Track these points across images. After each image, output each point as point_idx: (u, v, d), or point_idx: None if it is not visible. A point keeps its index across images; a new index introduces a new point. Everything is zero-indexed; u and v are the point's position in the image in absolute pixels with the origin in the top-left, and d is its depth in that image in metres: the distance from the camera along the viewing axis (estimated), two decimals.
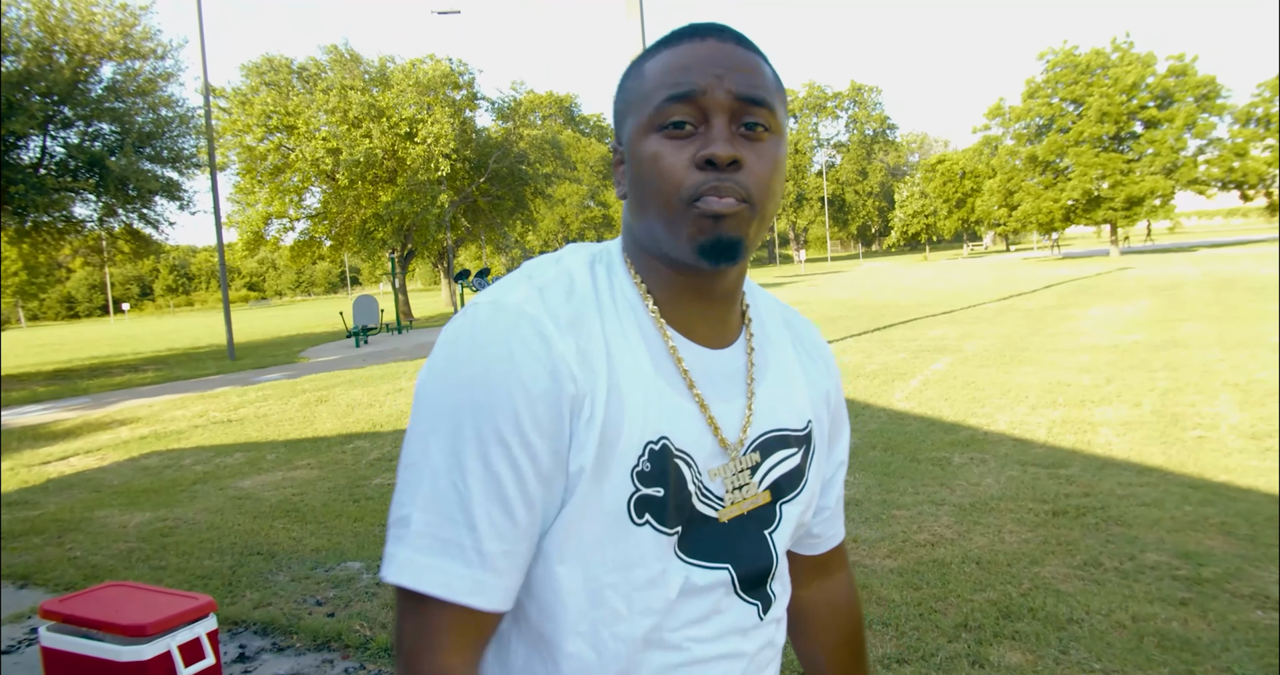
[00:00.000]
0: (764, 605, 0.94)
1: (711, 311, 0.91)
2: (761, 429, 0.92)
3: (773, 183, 0.85)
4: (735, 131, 0.83)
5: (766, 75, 0.86)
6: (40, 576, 4.90)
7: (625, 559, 0.84)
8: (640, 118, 0.85)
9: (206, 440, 9.07)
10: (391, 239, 32.64)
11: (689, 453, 0.86)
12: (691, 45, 0.85)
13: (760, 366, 0.94)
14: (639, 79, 0.87)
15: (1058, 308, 17.16)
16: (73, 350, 31.06)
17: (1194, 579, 3.75)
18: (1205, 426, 6.53)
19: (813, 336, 1.05)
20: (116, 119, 19.47)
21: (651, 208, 0.85)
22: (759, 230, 0.86)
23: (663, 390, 0.85)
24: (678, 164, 0.82)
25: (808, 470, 0.97)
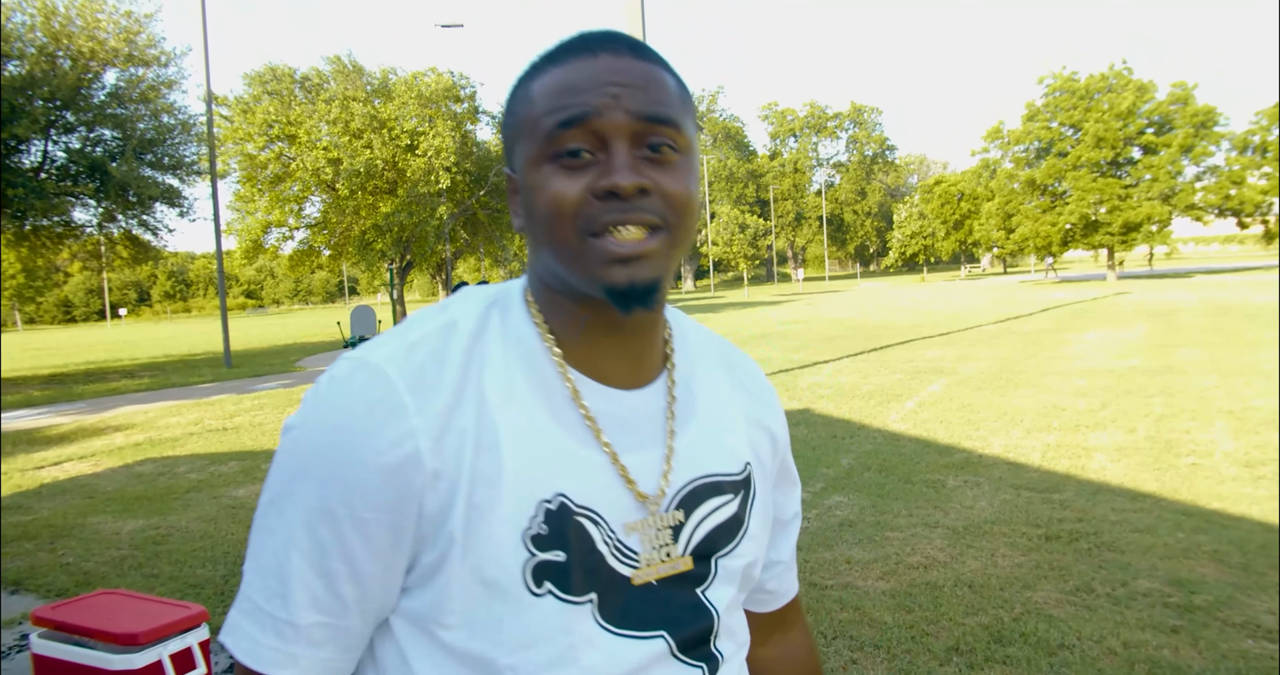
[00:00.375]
0: (710, 666, 0.84)
1: (626, 348, 0.81)
2: (686, 477, 0.82)
3: (688, 205, 0.76)
4: (639, 156, 0.74)
5: (669, 88, 0.77)
6: (32, 582, 4.88)
7: (526, 636, 0.75)
8: (531, 147, 0.76)
9: (201, 448, 9.06)
10: (390, 250, 32.69)
11: (595, 510, 0.77)
12: (581, 61, 0.75)
13: (685, 406, 0.84)
14: (526, 103, 0.77)
15: (1054, 331, 17.21)
16: (69, 355, 31.01)
17: (1186, 606, 3.75)
18: (1199, 453, 6.55)
19: (753, 374, 0.94)
20: (118, 125, 19.54)
21: (551, 245, 0.76)
22: (677, 259, 0.77)
23: (561, 442, 0.76)
24: (573, 196, 0.73)
25: (747, 518, 0.86)
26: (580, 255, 0.74)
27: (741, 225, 74.36)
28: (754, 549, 0.88)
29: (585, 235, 0.73)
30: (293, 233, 34.69)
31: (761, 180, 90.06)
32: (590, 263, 0.73)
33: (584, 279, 0.75)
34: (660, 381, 0.84)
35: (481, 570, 0.73)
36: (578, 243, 0.73)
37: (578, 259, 0.74)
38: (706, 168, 79.95)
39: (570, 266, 0.75)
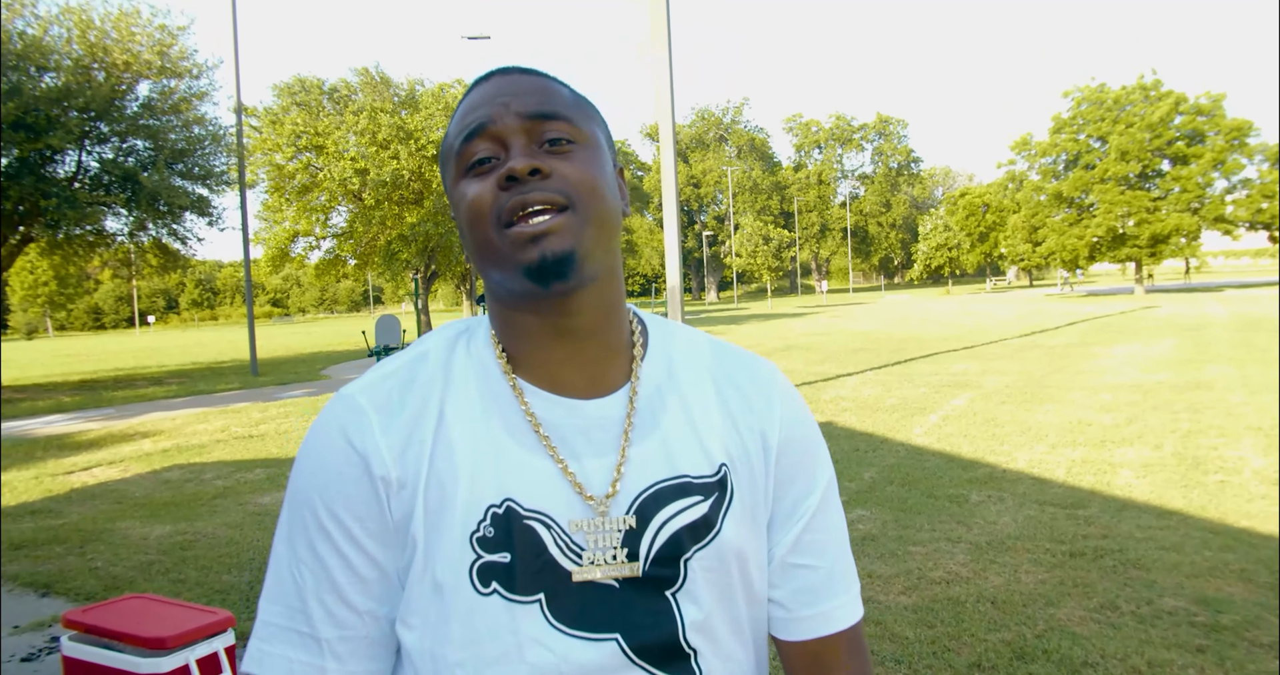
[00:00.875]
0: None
1: (578, 356, 0.85)
2: (643, 483, 0.83)
3: (593, 183, 0.81)
4: (537, 149, 0.81)
5: (558, 93, 0.85)
6: (62, 586, 4.96)
7: (473, 633, 0.79)
8: (451, 171, 0.85)
9: (227, 455, 9.16)
10: (415, 260, 32.92)
11: (545, 512, 0.80)
12: (480, 87, 0.86)
13: (648, 413, 0.86)
14: (446, 136, 0.87)
15: (1081, 345, 17.07)
16: (99, 361, 31.42)
17: (1212, 626, 3.71)
18: (1227, 471, 6.47)
19: (750, 377, 0.93)
20: (150, 136, 19.83)
21: (477, 246, 0.82)
22: (595, 238, 0.81)
23: (511, 452, 0.81)
24: (485, 193, 0.80)
25: (721, 518, 0.85)
26: (499, 248, 0.80)
27: (765, 237, 74.31)
28: (732, 548, 0.86)
29: (500, 228, 0.79)
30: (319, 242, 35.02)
31: (786, 192, 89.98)
32: (508, 251, 0.79)
33: (507, 271, 0.80)
34: (623, 390, 0.87)
35: (435, 571, 0.80)
36: (497, 236, 0.80)
37: (498, 252, 0.80)
38: (730, 179, 79.99)
39: (495, 262, 0.81)
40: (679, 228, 10.45)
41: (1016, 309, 34.03)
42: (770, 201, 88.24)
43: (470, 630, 0.80)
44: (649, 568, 0.82)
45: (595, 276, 0.82)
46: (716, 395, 0.90)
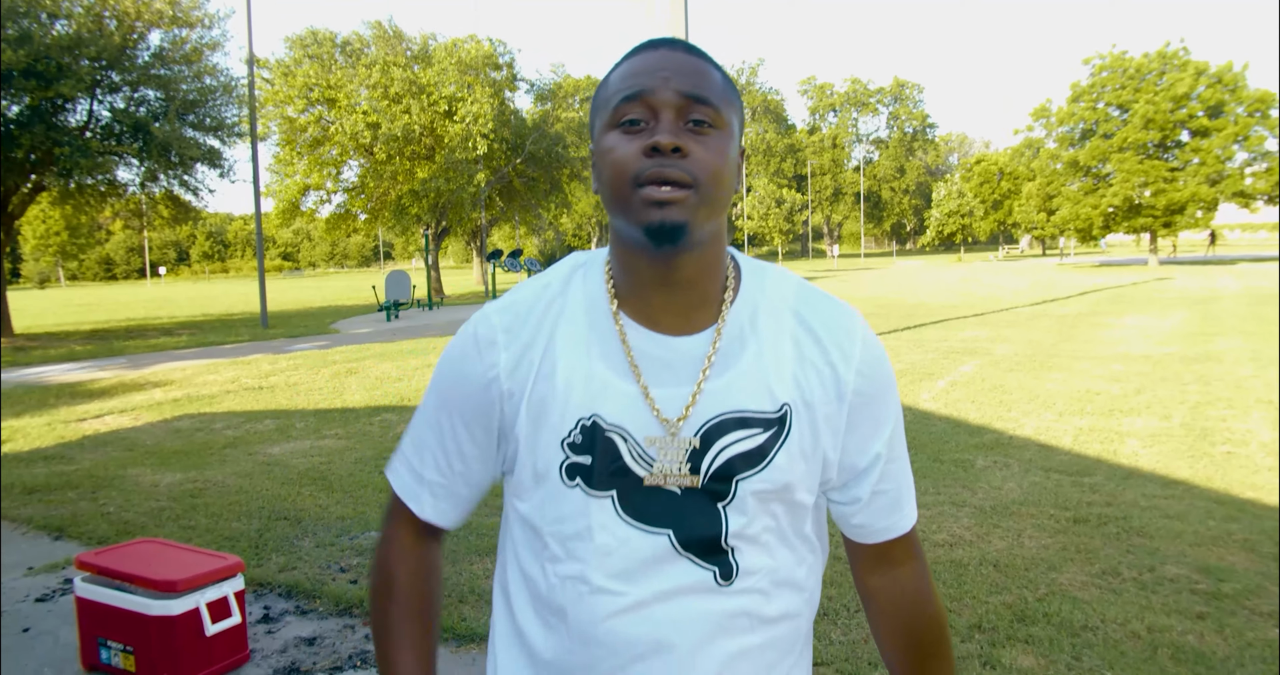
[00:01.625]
0: (722, 571, 0.98)
1: (674, 301, 0.99)
2: (711, 412, 0.97)
3: (719, 170, 0.94)
4: (682, 127, 0.93)
5: (712, 78, 0.96)
6: (75, 529, 5.03)
7: (559, 513, 0.99)
8: (603, 119, 0.97)
9: (237, 406, 9.22)
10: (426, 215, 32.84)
11: (623, 427, 0.97)
12: (646, 55, 0.97)
13: (727, 352, 0.99)
14: (604, 88, 0.99)
15: (1091, 315, 16.99)
16: (110, 311, 31.57)
17: (1213, 594, 3.74)
18: (1234, 442, 6.47)
19: (831, 323, 1.03)
20: (162, 86, 19.69)
21: (611, 194, 0.95)
22: (708, 215, 0.94)
23: (603, 376, 0.98)
24: (629, 153, 0.92)
25: (775, 450, 0.98)
26: (630, 201, 0.93)
27: (778, 200, 73.81)
28: (781, 478, 0.99)
29: (634, 186, 0.92)
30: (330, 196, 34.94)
31: (799, 155, 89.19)
32: (635, 206, 0.92)
33: (630, 222, 0.94)
34: (709, 331, 1.00)
35: (535, 464, 1.00)
36: (630, 192, 0.92)
37: (628, 204, 0.93)
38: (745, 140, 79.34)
39: (623, 212, 0.94)
40: None
41: (1029, 277, 33.85)
42: (784, 164, 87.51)
43: (558, 510, 0.99)
44: (706, 482, 0.97)
45: (700, 243, 0.96)
46: (792, 339, 1.02)
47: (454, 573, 4.19)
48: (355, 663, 3.36)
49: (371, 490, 5.72)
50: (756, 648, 1.01)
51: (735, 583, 0.99)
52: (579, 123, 36.83)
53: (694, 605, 0.98)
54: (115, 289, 68.24)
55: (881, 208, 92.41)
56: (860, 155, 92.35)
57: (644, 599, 0.97)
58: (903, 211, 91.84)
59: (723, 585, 0.98)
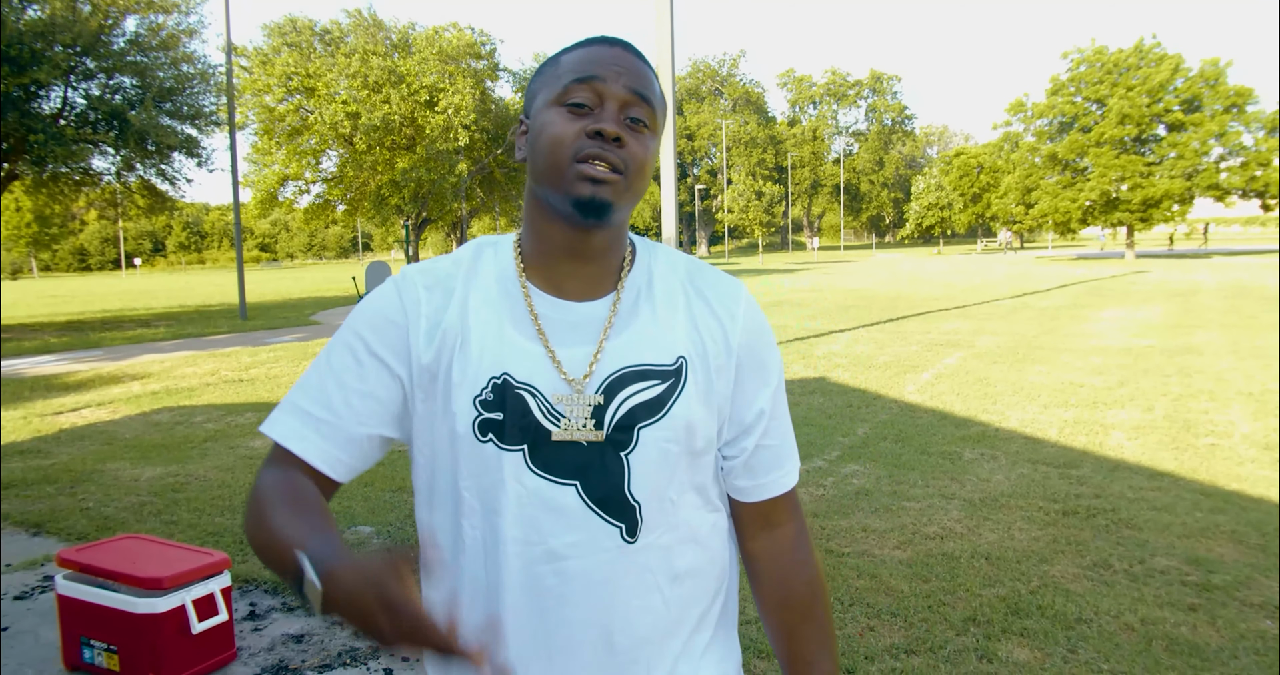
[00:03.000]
0: (628, 527, 1.03)
1: (581, 270, 1.07)
2: (612, 367, 1.04)
3: (645, 166, 1.04)
4: (622, 119, 1.02)
5: (655, 86, 1.07)
6: (53, 525, 4.94)
7: (474, 468, 1.03)
8: (549, 94, 1.04)
9: (217, 398, 9.11)
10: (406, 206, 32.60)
11: (532, 384, 1.02)
12: (603, 48, 1.05)
13: (624, 315, 1.07)
14: (554, 66, 1.07)
15: (1071, 308, 17.10)
16: (85, 302, 31.17)
17: (1204, 585, 3.75)
18: (1218, 434, 6.51)
19: (718, 289, 1.13)
20: (138, 73, 19.43)
21: (544, 165, 1.02)
22: (628, 201, 1.04)
23: (512, 338, 1.04)
24: (570, 131, 1.01)
25: (673, 399, 1.05)
26: (564, 174, 1.00)
27: (758, 192, 73.82)
28: (680, 425, 1.05)
29: (573, 161, 1.00)
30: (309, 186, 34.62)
31: (780, 147, 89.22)
32: (570, 179, 1.00)
33: (559, 192, 1.01)
34: (608, 297, 1.08)
35: (452, 423, 1.03)
36: (566, 165, 1.00)
37: (561, 177, 1.01)
38: (725, 132, 79.24)
39: (554, 183, 1.02)
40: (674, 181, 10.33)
41: (1008, 270, 34.04)
42: (765, 156, 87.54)
43: (472, 466, 1.03)
44: (610, 433, 1.03)
45: (614, 224, 1.05)
46: (684, 303, 1.10)
47: None
48: (345, 660, 3.31)
49: (356, 484, 5.65)
50: (661, 605, 1.06)
51: (640, 538, 1.03)
52: None
53: (602, 560, 1.02)
54: (89, 280, 67.43)
55: (860, 200, 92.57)
56: (840, 147, 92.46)
57: (554, 550, 1.02)
58: (882, 204, 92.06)
59: (629, 541, 1.03)
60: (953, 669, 3.09)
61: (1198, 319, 14.43)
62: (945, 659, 3.15)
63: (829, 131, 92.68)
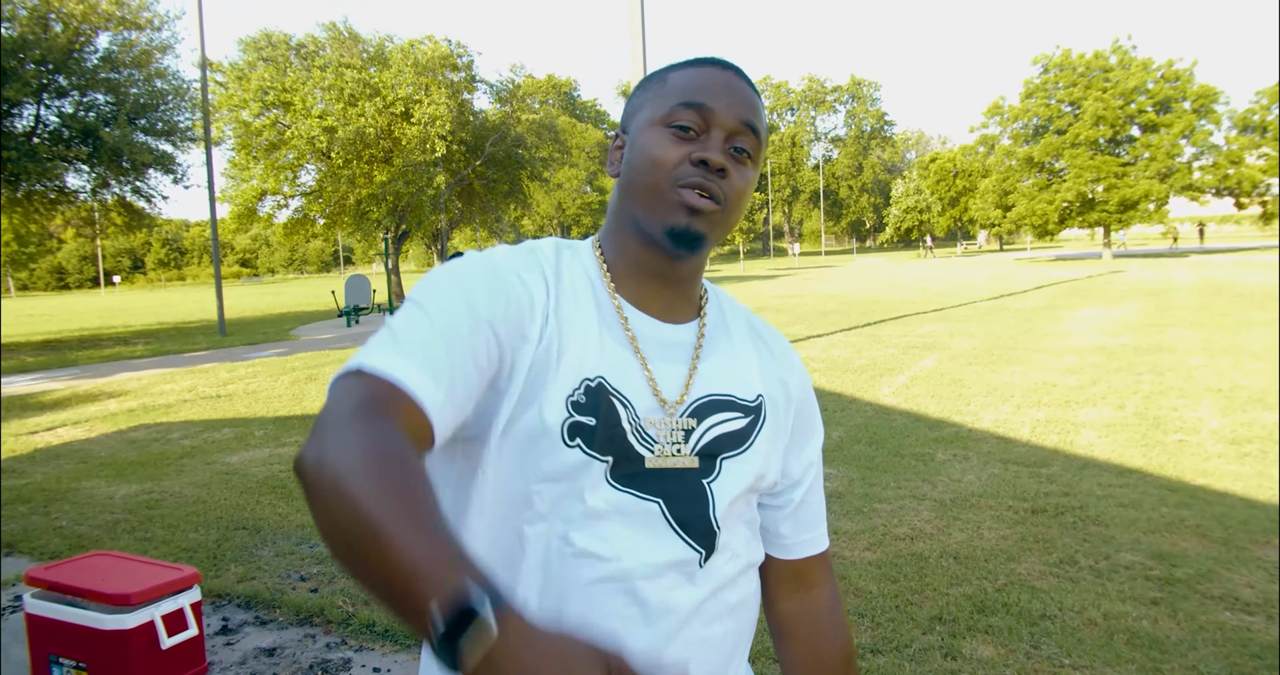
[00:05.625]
0: (707, 554, 0.99)
1: (666, 292, 1.04)
2: (703, 392, 1.02)
3: (743, 199, 1.01)
4: (727, 149, 0.99)
5: (762, 115, 1.03)
6: (26, 545, 4.92)
7: (553, 470, 0.94)
8: (654, 113, 1.00)
9: (195, 415, 9.08)
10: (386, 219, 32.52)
11: (626, 395, 0.97)
12: (714, 70, 1.02)
13: (712, 342, 1.06)
14: (661, 83, 1.03)
15: (1048, 308, 17.25)
16: (62, 321, 30.94)
17: (1166, 579, 3.81)
18: (1186, 430, 6.60)
19: (778, 342, 1.14)
20: (111, 89, 19.34)
21: (641, 187, 0.99)
22: (722, 234, 1.01)
23: (605, 342, 0.98)
24: (675, 155, 0.97)
25: (754, 435, 1.04)
26: (664, 198, 0.97)
27: None
28: (758, 462, 1.04)
29: (674, 186, 0.97)
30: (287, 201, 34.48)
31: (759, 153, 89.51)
32: (668, 205, 0.97)
33: (654, 218, 0.98)
34: (694, 323, 1.07)
35: (538, 420, 0.94)
36: (667, 188, 0.97)
37: (659, 201, 0.98)
38: None
39: (650, 206, 0.99)
40: None
41: (986, 272, 34.28)
42: None
43: (552, 468, 0.95)
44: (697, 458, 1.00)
45: (703, 253, 1.03)
46: (753, 345, 1.10)
47: None
48: (316, 673, 3.32)
49: None
50: (722, 635, 1.02)
51: (710, 564, 1.00)
52: (539, 124, 36.68)
53: (676, 585, 0.97)
54: (67, 298, 66.88)
55: (840, 206, 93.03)
56: (819, 153, 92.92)
57: (628, 569, 0.95)
58: (861, 209, 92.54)
59: (703, 567, 0.99)
60: (918, 667, 3.13)
61: (1171, 317, 14.60)
62: (910, 657, 3.19)
63: (807, 138, 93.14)
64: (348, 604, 3.88)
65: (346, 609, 3.83)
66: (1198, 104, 41.51)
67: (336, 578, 4.22)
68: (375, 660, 3.40)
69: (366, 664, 3.37)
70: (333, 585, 4.13)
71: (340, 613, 3.79)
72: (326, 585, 4.13)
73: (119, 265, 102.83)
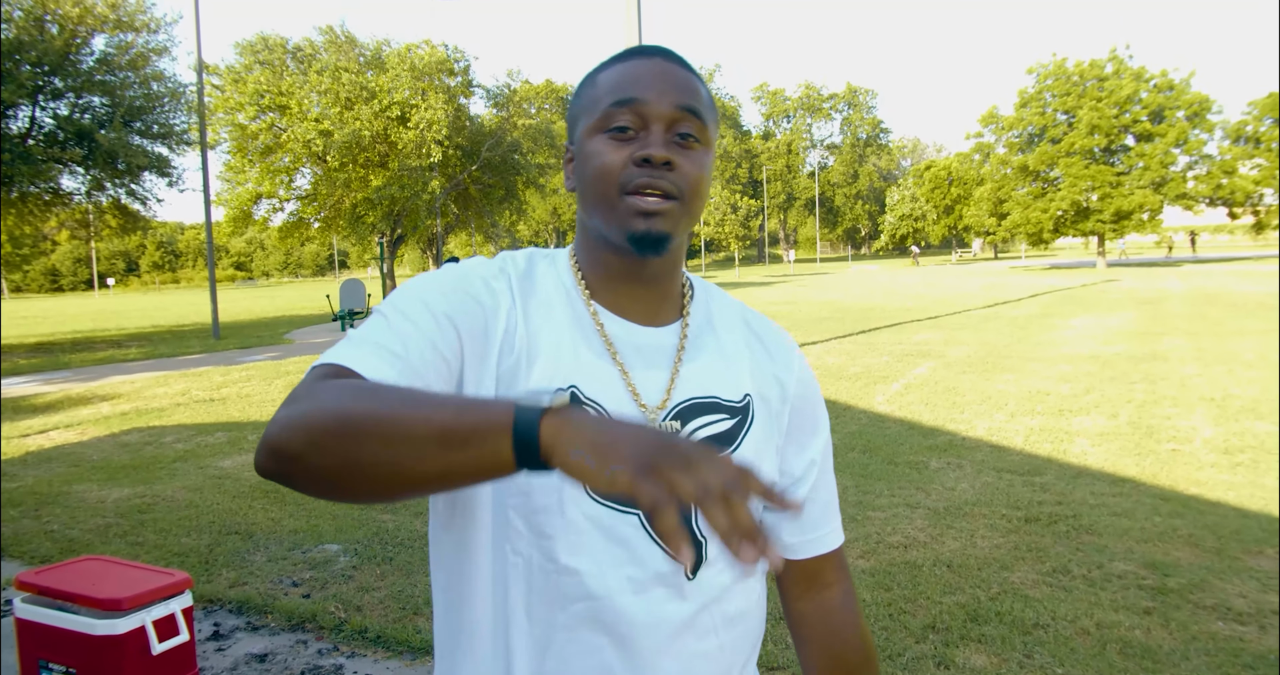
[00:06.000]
0: (692, 564, 0.95)
1: (644, 294, 1.02)
2: (686, 395, 0.99)
3: (700, 185, 0.96)
4: (670, 139, 0.94)
5: (702, 94, 0.98)
6: (17, 549, 4.89)
7: (528, 485, 0.93)
8: (590, 120, 0.97)
9: (188, 419, 9.05)
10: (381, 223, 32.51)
11: (602, 404, 0.95)
12: (641, 61, 0.98)
13: (694, 344, 1.03)
14: (592, 87, 0.99)
15: (1042, 317, 17.29)
16: (56, 323, 30.84)
17: (1159, 589, 3.81)
18: (1179, 439, 6.61)
19: (775, 337, 1.11)
20: (107, 92, 19.31)
21: (593, 199, 0.96)
22: (687, 226, 0.98)
23: (580, 351, 0.96)
24: (617, 161, 0.94)
25: (740, 437, 1.01)
26: (615, 208, 0.94)
27: (733, 205, 74.19)
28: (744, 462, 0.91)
29: (622, 193, 0.94)
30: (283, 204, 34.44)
31: (755, 161, 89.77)
32: (621, 214, 0.94)
33: (614, 227, 0.95)
34: (676, 324, 1.04)
35: None
36: (616, 198, 0.94)
37: (613, 211, 0.95)
38: None
39: (606, 217, 0.96)
40: None
41: (981, 280, 34.36)
42: (739, 170, 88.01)
43: (527, 483, 0.93)
44: None
45: (674, 249, 1.00)
46: (745, 342, 1.07)
47: (408, 585, 4.15)
48: None
49: (324, 503, 5.64)
50: (716, 649, 0.99)
51: (700, 576, 0.97)
52: (535, 130, 36.71)
53: (661, 596, 0.95)
54: (61, 301, 66.68)
55: (835, 213, 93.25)
56: (815, 160, 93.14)
57: (611, 583, 0.93)
58: (857, 216, 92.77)
59: (689, 578, 0.96)
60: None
61: (1165, 326, 14.64)
62: (903, 666, 3.19)
63: (803, 145, 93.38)
64: (340, 610, 3.87)
65: (339, 615, 3.81)
66: (1191, 113, 41.70)
67: (329, 584, 4.21)
68: (367, 666, 3.39)
69: (359, 670, 3.36)
70: (325, 591, 4.11)
71: (332, 619, 3.77)
72: (319, 591, 4.12)
73: (113, 268, 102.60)
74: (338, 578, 4.28)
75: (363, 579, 4.24)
